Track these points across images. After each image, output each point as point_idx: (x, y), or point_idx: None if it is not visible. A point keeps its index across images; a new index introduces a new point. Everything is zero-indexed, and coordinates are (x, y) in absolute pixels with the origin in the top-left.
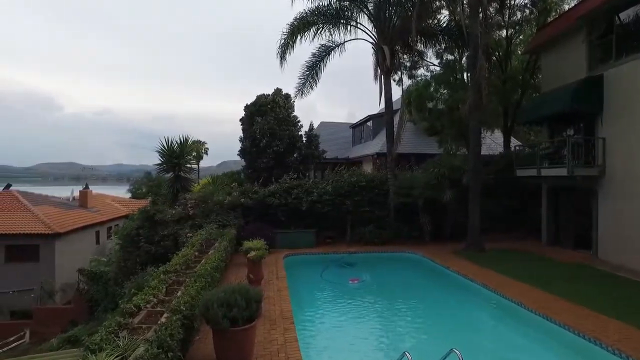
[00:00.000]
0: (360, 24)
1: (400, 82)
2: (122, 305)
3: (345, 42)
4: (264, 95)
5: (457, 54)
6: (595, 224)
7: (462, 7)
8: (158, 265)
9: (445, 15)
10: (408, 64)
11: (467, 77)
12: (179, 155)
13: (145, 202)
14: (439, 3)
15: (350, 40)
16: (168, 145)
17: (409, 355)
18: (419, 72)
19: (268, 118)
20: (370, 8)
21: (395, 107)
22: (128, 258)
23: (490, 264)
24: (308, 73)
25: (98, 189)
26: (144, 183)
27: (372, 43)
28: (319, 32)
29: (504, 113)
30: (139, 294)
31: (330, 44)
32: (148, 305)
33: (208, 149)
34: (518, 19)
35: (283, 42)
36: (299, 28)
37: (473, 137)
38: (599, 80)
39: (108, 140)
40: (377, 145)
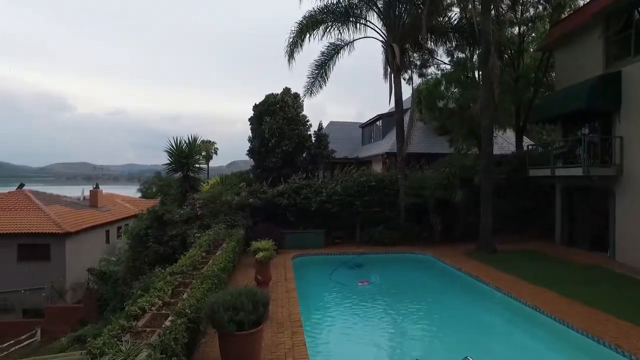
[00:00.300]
0: (370, 22)
1: (410, 80)
2: (126, 308)
3: (355, 40)
4: (273, 95)
5: (468, 52)
6: (612, 225)
7: (473, 4)
8: (165, 266)
9: (456, 13)
10: (418, 63)
11: (478, 75)
12: (188, 155)
13: (155, 201)
14: (450, 0)
15: (360, 39)
16: (177, 145)
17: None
18: (429, 70)
19: (277, 117)
20: (380, 6)
21: (405, 106)
22: (137, 258)
23: (503, 266)
24: (317, 72)
25: (109, 189)
26: (154, 183)
27: (381, 41)
28: (328, 30)
29: (516, 112)
30: (144, 296)
31: (340, 43)
32: (153, 308)
33: (218, 149)
34: (531, 16)
35: (291, 40)
36: (308, 26)
37: (485, 136)
38: (617, 77)
39: (120, 141)
40: (386, 145)
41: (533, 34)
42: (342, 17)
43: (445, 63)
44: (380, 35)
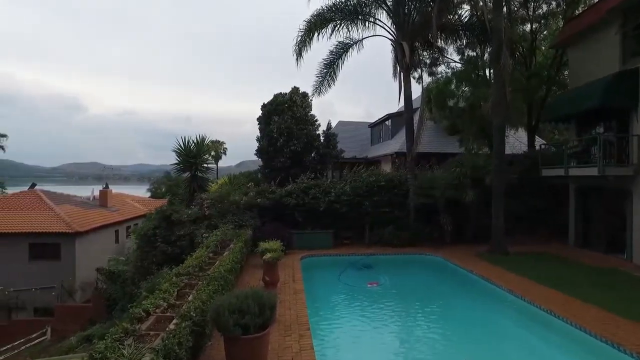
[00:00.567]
0: (379, 20)
1: (420, 79)
2: (130, 310)
3: (364, 39)
4: (281, 94)
5: (479, 50)
6: (629, 226)
7: (484, 0)
8: (171, 267)
9: (467, 10)
10: (428, 61)
11: (489, 73)
12: (196, 155)
13: (164, 201)
14: None
15: (369, 37)
16: (185, 145)
17: None
18: (439, 69)
19: (285, 117)
20: (389, 3)
21: (415, 105)
22: (145, 258)
23: (516, 268)
24: (326, 71)
25: (120, 189)
26: (164, 183)
27: (391, 40)
28: (337, 29)
29: (528, 111)
30: (149, 298)
31: (349, 41)
32: (157, 310)
33: (227, 149)
34: (543, 12)
35: (300, 39)
36: (316, 25)
37: (497, 135)
38: (634, 74)
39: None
40: (396, 145)
41: (545, 32)
42: (350, 15)
43: (456, 61)
44: (390, 34)
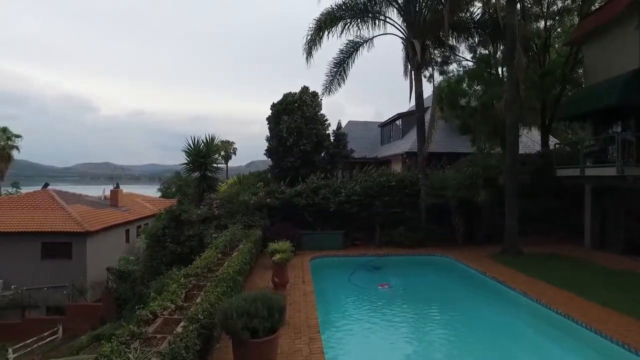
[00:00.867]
0: (389, 19)
1: (431, 78)
2: (137, 312)
3: (374, 37)
4: (291, 94)
5: (491, 48)
6: None
7: None
8: (180, 267)
9: (479, 7)
10: (439, 60)
11: (502, 71)
12: (205, 155)
13: (174, 201)
14: None
15: (379, 36)
16: (194, 145)
17: None
18: (451, 67)
19: (295, 116)
20: (400, 1)
21: (426, 104)
22: (154, 258)
23: (530, 270)
24: (335, 70)
25: (131, 189)
26: (174, 182)
27: (401, 38)
28: (347, 27)
29: (542, 109)
30: (156, 300)
31: (359, 40)
32: (165, 312)
33: (236, 149)
34: (558, 9)
35: (309, 38)
36: (326, 24)
37: (510, 134)
38: None
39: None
40: (406, 144)
41: (559, 29)
42: (361, 13)
43: (467, 60)
44: (401, 32)
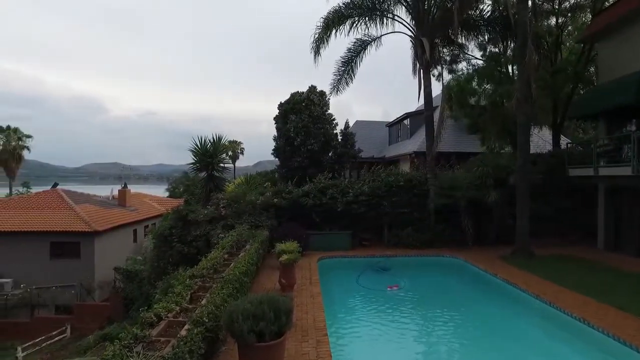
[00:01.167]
0: (398, 17)
1: (440, 77)
2: (141, 314)
3: (382, 35)
4: (299, 93)
5: (501, 46)
6: None
7: None
8: (186, 268)
9: (489, 5)
10: (448, 58)
11: (512, 69)
12: (212, 154)
13: (181, 201)
14: None
15: (387, 34)
16: (201, 144)
17: None
18: (460, 66)
19: (302, 116)
20: None
21: (435, 103)
22: (161, 258)
23: (542, 272)
24: (343, 69)
25: (139, 188)
26: (182, 182)
27: (410, 36)
28: (355, 25)
29: (553, 108)
30: (161, 302)
31: (367, 38)
32: (169, 315)
33: (244, 149)
34: (570, 5)
35: (317, 36)
36: (334, 22)
37: (521, 133)
38: None
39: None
40: (415, 144)
41: (570, 27)
42: (368, 11)
43: (477, 58)
44: (409, 30)
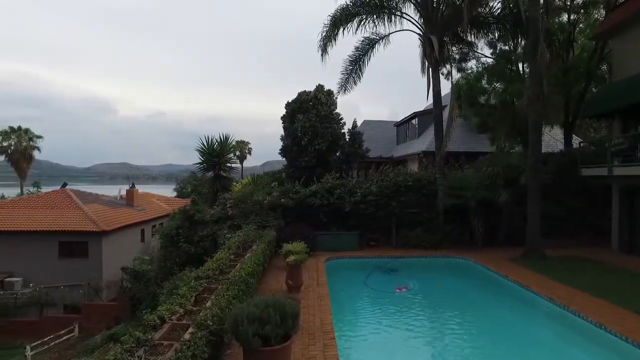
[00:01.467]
0: (406, 14)
1: (449, 75)
2: (145, 316)
3: (390, 33)
4: (306, 92)
5: (512, 44)
6: None
7: None
8: (191, 269)
9: (499, 1)
10: (457, 57)
11: (523, 67)
12: (219, 154)
13: (189, 201)
14: None
15: (395, 32)
16: (208, 144)
17: None
18: (469, 64)
19: (310, 115)
20: None
21: (443, 102)
22: (168, 258)
23: (555, 274)
24: (351, 68)
25: (147, 188)
26: (190, 182)
27: (418, 34)
28: (362, 23)
29: (565, 107)
30: (165, 304)
31: (375, 37)
32: (173, 317)
33: (251, 149)
34: (583, 1)
35: (325, 34)
36: (341, 20)
37: (533, 132)
38: None
39: (159, 142)
40: (423, 143)
41: (581, 24)
42: (376, 9)
43: (486, 56)
44: (418, 28)
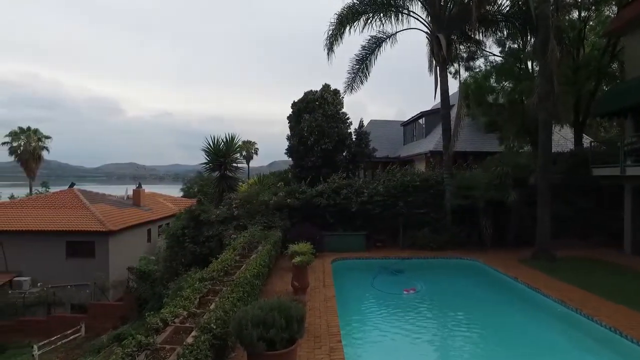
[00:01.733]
0: (413, 12)
1: (457, 74)
2: (147, 319)
3: (397, 32)
4: (312, 92)
5: (521, 42)
6: None
7: None
8: (196, 270)
9: None
10: (465, 55)
11: (532, 66)
12: (225, 154)
13: (195, 201)
14: None
15: (403, 31)
16: (214, 144)
17: None
18: (477, 63)
19: (316, 115)
20: None
21: (451, 102)
22: (174, 258)
23: (566, 276)
24: (358, 67)
25: (155, 188)
26: (196, 182)
27: (426, 32)
28: (369, 22)
29: (575, 106)
30: (168, 306)
31: (381, 35)
32: (176, 320)
33: (258, 149)
34: None
35: (331, 33)
36: (348, 18)
37: (543, 131)
38: None
39: (166, 142)
40: (430, 143)
41: (591, 22)
42: (383, 7)
43: (495, 55)
44: (425, 26)
